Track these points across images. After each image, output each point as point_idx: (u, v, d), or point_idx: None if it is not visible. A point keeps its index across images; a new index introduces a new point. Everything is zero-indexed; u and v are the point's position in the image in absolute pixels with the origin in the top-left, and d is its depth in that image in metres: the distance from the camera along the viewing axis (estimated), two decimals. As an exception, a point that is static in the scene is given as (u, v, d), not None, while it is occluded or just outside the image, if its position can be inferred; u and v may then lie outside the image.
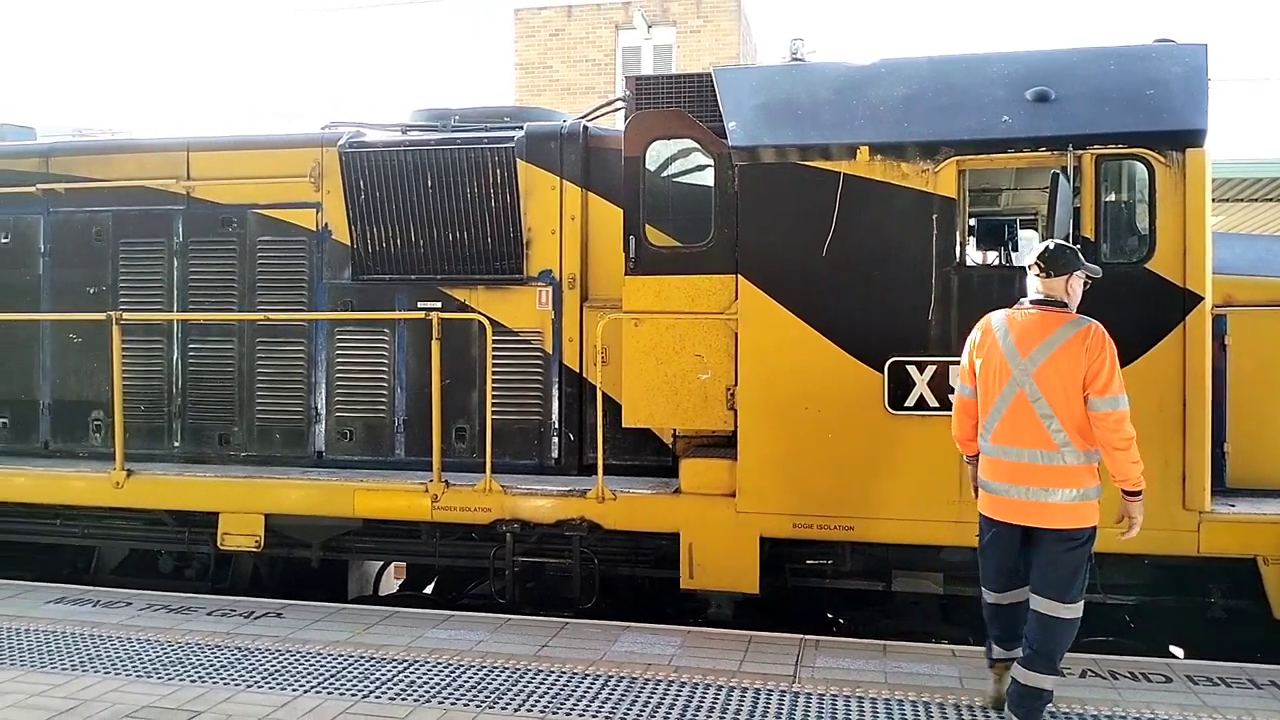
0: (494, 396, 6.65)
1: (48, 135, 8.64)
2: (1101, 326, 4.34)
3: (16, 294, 7.76)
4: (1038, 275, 4.47)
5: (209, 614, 6.27)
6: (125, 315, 7.09)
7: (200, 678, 5.09)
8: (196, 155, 7.49)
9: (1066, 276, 4.42)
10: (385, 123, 7.49)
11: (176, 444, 7.47)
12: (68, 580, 7.32)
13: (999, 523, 4.47)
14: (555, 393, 6.89)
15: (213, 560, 7.19)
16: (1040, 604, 4.33)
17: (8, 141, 8.26)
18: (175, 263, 7.49)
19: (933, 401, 5.66)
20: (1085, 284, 4.53)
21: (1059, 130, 5.59)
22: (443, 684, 5.01)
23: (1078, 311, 4.45)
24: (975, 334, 4.62)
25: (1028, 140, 5.65)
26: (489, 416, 6.57)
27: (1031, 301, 4.48)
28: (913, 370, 5.69)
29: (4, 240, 7.82)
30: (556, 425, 6.89)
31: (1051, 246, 4.52)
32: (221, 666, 5.26)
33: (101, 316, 7.10)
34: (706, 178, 6.27)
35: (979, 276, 5.92)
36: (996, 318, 4.54)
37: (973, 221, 6.92)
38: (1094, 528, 4.33)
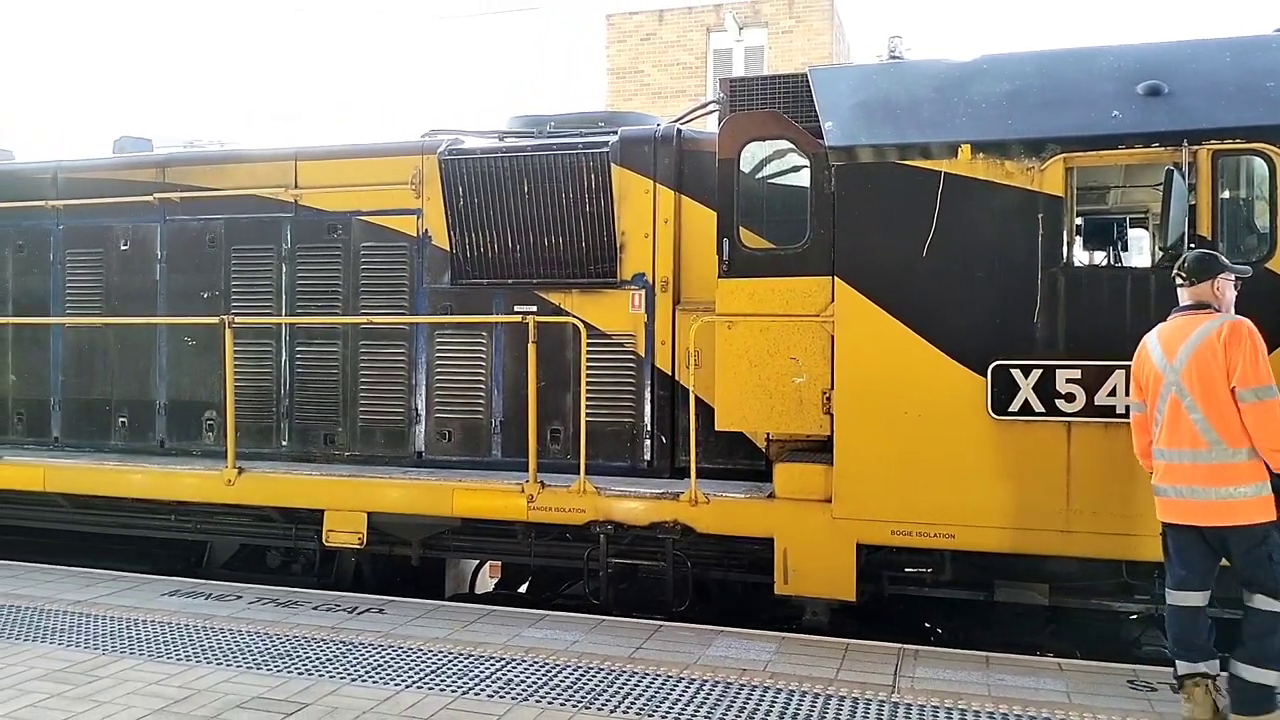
0: (588, 399, 6.70)
1: (163, 146, 9.05)
2: (1243, 320, 4.42)
3: (135, 298, 8.14)
4: (1180, 285, 4.64)
5: (315, 608, 6.47)
6: (237, 319, 7.37)
7: (307, 670, 5.25)
8: (304, 164, 7.75)
9: (1210, 281, 4.55)
10: (483, 130, 7.63)
11: (284, 443, 7.73)
12: (182, 574, 7.66)
13: (1165, 523, 4.60)
14: (648, 395, 6.91)
15: (318, 556, 7.43)
16: (1249, 599, 4.39)
17: (127, 153, 8.68)
18: (284, 268, 7.76)
19: (1038, 406, 5.49)
20: (1236, 285, 4.63)
21: (1173, 125, 5.37)
22: (540, 683, 5.07)
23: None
24: (1138, 350, 4.77)
25: (1140, 136, 5.44)
26: (583, 418, 6.63)
27: (1180, 309, 4.62)
28: (1017, 374, 5.53)
29: (124, 247, 8.21)
30: (649, 428, 6.91)
31: (1189, 254, 4.68)
32: (327, 659, 5.43)
33: (215, 320, 7.40)
34: (802, 179, 6.20)
35: (1087, 277, 5.71)
36: (1151, 331, 4.72)
37: (1080, 220, 6.70)
38: (1269, 522, 4.33)
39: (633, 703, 4.80)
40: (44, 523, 8.22)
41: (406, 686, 5.01)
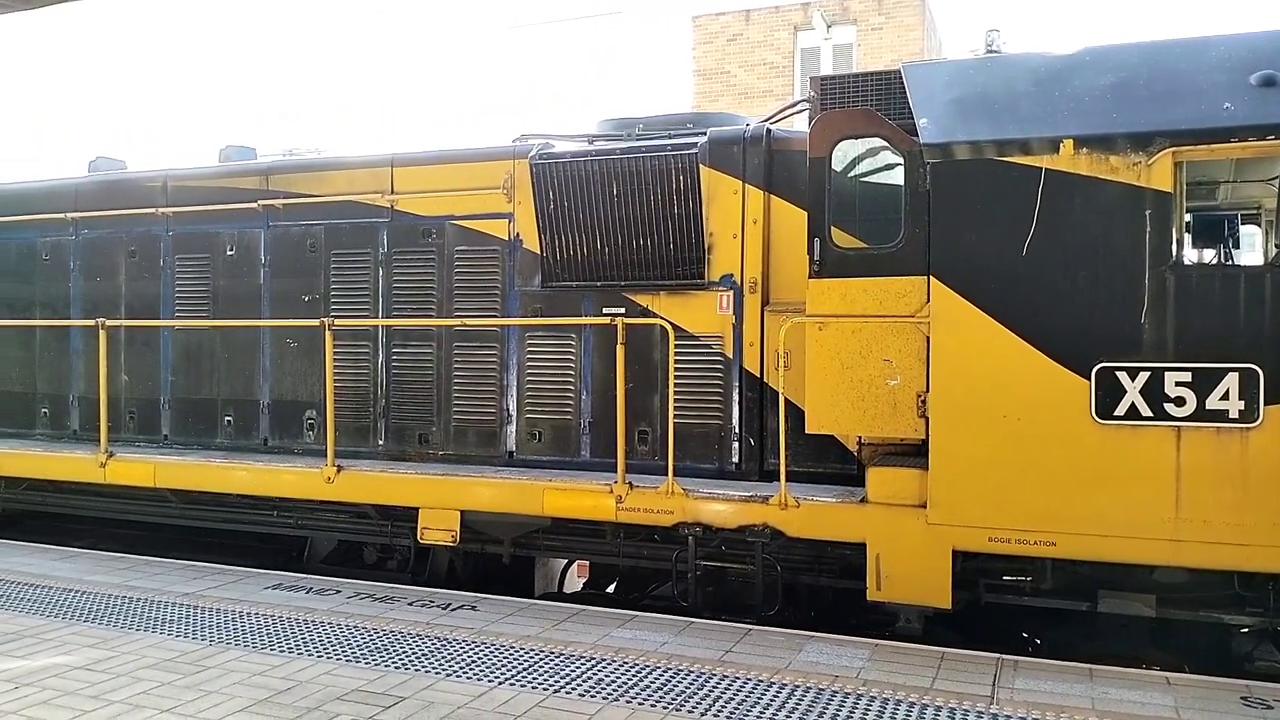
0: (675, 400, 6.70)
1: (265, 154, 9.37)
2: None
3: (242, 302, 8.45)
4: None
5: (410, 604, 6.61)
6: (336, 322, 7.58)
7: (404, 664, 5.37)
8: (400, 170, 7.93)
9: None
10: (572, 133, 7.70)
11: (380, 442, 7.93)
12: (283, 568, 7.91)
13: None
14: (736, 397, 6.87)
15: (413, 553, 7.59)
16: None
17: (232, 161, 9.01)
18: (380, 272, 7.96)
19: (1146, 410, 5.29)
20: None
21: (1290, 117, 5.11)
22: (629, 684, 5.08)
23: None
24: None
25: (1253, 129, 5.20)
26: (671, 420, 6.62)
27: None
28: (1123, 377, 5.33)
29: (230, 253, 8.53)
30: (737, 430, 6.88)
31: None
32: (422, 654, 5.54)
33: (315, 323, 7.63)
34: (896, 177, 6.10)
35: (1198, 276, 5.48)
36: None
37: (1189, 217, 6.43)
38: None
39: (723, 706, 4.78)
40: (154, 517, 8.59)
41: (499, 683, 5.08)
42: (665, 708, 4.76)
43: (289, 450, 8.22)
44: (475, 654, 5.56)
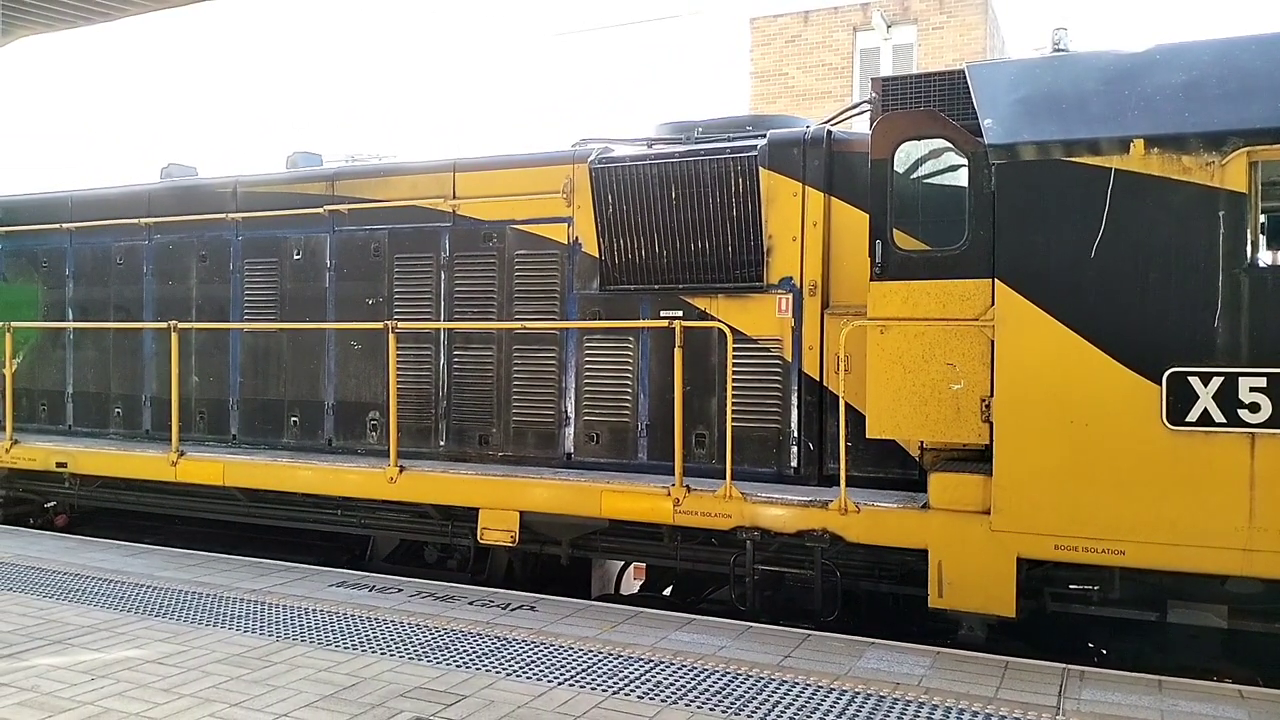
0: (733, 404, 6.69)
1: (330, 161, 9.56)
2: None
3: (308, 305, 8.63)
4: None
5: (470, 603, 6.68)
6: (400, 325, 7.70)
7: (465, 663, 5.43)
8: (461, 175, 8.04)
9: None
10: (632, 137, 7.72)
11: (441, 443, 8.03)
12: (347, 566, 8.05)
13: None
14: (795, 401, 6.84)
15: (472, 553, 7.68)
16: None
17: (299, 168, 9.21)
18: (442, 275, 8.07)
19: (1219, 416, 5.15)
20: None
21: (1373, 114, 4.95)
22: (688, 686, 5.08)
23: None
24: None
25: (1333, 126, 5.03)
26: (729, 423, 6.61)
27: None
28: (1195, 382, 5.20)
29: (297, 257, 8.71)
30: (795, 434, 6.84)
31: None
32: (483, 654, 5.60)
33: (379, 326, 7.76)
34: (960, 178, 6.02)
35: (1274, 278, 5.32)
36: None
37: (1264, 218, 6.24)
38: None
39: (783, 711, 4.75)
40: (222, 515, 8.81)
41: (559, 683, 5.12)
42: (725, 711, 4.75)
43: (352, 450, 8.36)
44: (534, 654, 5.60)
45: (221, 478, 8.31)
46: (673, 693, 4.99)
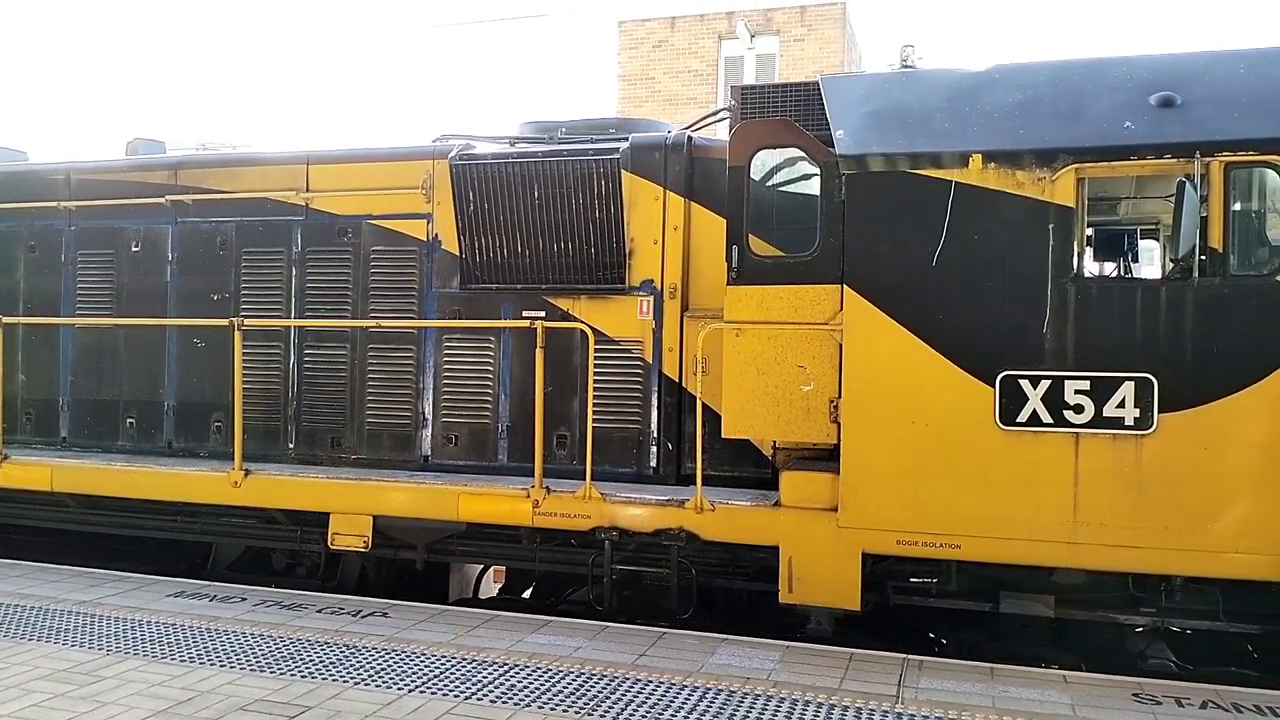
0: (595, 404, 6.69)
1: (175, 149, 9.09)
2: None
3: (146, 299, 8.17)
4: None
5: (319, 611, 6.47)
6: (246, 321, 7.38)
7: (310, 673, 5.25)
8: (316, 168, 7.77)
9: None
10: (494, 135, 7.64)
11: (291, 446, 7.74)
12: (187, 575, 7.66)
13: None
14: (655, 402, 6.90)
15: (323, 559, 7.43)
16: None
17: (140, 155, 8.72)
18: (293, 271, 7.78)
19: (1046, 417, 5.47)
20: None
21: (1185, 137, 5.35)
22: (543, 689, 5.06)
23: None
24: None
25: (1152, 147, 5.42)
26: (590, 424, 6.61)
27: None
28: (1026, 385, 5.51)
29: (135, 249, 8.25)
30: (655, 434, 6.90)
31: None
32: (331, 663, 5.42)
33: (224, 323, 7.42)
34: (812, 187, 6.20)
35: (1098, 288, 5.69)
36: None
37: (1091, 231, 6.67)
38: None
39: (635, 710, 4.78)
40: (51, 522, 8.25)
41: (410, 690, 5.00)
42: (578, 712, 4.74)
43: (195, 454, 7.98)
44: (385, 661, 5.46)
45: (50, 483, 7.78)
46: (526, 696, 4.95)
